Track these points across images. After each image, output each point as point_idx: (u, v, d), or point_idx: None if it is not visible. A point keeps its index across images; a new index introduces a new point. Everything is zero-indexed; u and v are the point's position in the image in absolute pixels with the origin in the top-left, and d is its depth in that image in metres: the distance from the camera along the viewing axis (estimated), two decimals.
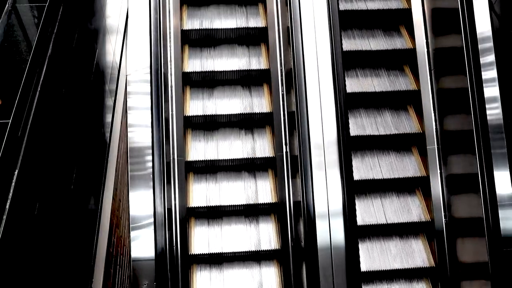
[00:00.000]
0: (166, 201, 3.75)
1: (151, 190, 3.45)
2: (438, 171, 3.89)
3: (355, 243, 3.57)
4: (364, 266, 3.84)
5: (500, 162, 3.24)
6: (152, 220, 3.39)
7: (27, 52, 2.25)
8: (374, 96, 4.34)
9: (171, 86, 4.17)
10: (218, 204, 4.10)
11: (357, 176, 4.04)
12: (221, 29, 4.59)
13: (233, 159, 4.23)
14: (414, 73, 4.38)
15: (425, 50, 4.13)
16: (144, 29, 3.85)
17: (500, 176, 3.22)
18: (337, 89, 3.73)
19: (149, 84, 3.70)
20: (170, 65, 4.21)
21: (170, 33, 4.30)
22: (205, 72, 4.45)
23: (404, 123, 4.29)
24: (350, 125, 3.97)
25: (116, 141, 3.74)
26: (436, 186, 3.89)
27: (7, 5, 2.42)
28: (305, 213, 3.58)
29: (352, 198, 3.61)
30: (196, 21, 4.65)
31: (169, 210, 3.85)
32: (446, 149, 3.86)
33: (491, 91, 3.33)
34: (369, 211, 4.03)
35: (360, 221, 3.91)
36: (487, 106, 3.32)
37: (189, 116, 4.31)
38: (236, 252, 3.98)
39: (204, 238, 4.05)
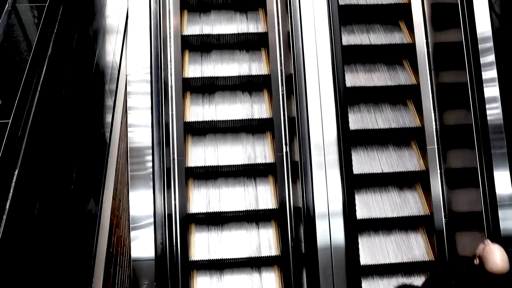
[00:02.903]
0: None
1: (151, 190, 3.44)
2: (438, 171, 3.90)
3: (355, 243, 3.57)
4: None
5: (500, 162, 3.24)
6: (152, 220, 3.39)
7: (27, 52, 2.24)
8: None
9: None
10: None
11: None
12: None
13: None
14: (413, 68, 4.40)
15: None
16: (144, 29, 3.85)
17: (500, 176, 3.22)
18: (337, 91, 3.72)
19: (149, 84, 3.69)
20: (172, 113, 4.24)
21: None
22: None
23: (405, 120, 4.31)
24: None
25: (116, 141, 3.73)
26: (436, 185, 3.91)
27: (7, 5, 2.42)
28: (305, 213, 3.57)
29: (352, 197, 3.61)
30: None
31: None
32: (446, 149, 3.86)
33: (491, 91, 3.33)
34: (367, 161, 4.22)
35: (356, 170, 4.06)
36: (487, 106, 3.32)
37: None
38: None
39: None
